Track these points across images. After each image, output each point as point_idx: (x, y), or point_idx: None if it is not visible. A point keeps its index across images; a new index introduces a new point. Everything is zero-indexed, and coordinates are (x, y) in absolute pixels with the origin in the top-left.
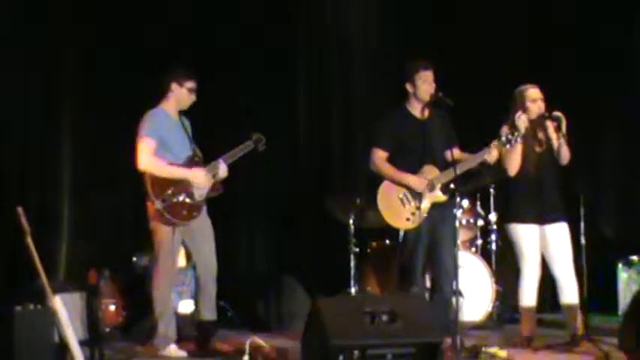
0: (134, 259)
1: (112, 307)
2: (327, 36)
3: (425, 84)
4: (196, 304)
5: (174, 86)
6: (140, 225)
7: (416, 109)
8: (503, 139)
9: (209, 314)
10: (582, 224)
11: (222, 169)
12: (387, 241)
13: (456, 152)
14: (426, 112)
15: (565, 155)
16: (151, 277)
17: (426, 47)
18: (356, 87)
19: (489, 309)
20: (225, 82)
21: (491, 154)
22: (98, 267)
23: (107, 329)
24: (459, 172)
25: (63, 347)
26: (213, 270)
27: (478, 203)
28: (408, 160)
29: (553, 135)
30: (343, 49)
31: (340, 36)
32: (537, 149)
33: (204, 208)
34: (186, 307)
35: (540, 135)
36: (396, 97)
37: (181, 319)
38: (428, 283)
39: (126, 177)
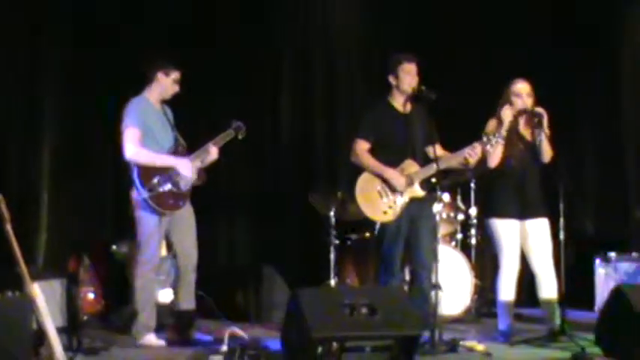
0: (114, 247)
1: (91, 295)
2: (309, 34)
3: (408, 76)
4: (175, 293)
5: (160, 75)
6: (120, 213)
7: (398, 102)
8: (484, 139)
9: (188, 304)
10: (562, 220)
11: (213, 152)
12: (367, 234)
13: (438, 149)
14: (408, 106)
15: (546, 152)
16: (134, 266)
17: (410, 46)
18: (339, 83)
19: (468, 303)
20: (207, 79)
21: (472, 154)
22: (77, 255)
23: (85, 317)
24: (442, 165)
25: (41, 334)
26: (194, 260)
27: (459, 197)
28: (389, 153)
29: (535, 131)
30: (326, 47)
31: (323, 34)
32: (520, 144)
33: (189, 198)
34: (164, 296)
35: (525, 130)
36: (378, 93)
37: (160, 309)
38: (407, 277)
39: (106, 164)
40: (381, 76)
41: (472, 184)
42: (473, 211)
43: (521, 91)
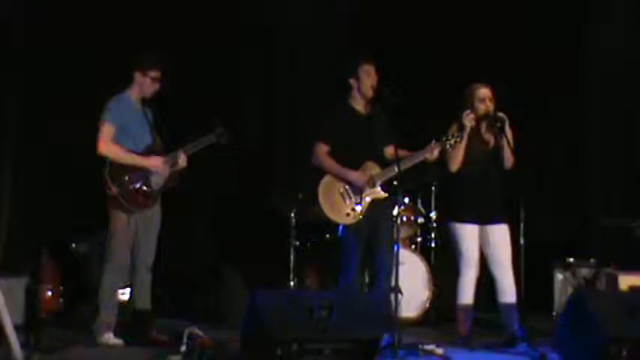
0: (73, 245)
1: (50, 293)
2: (271, 35)
3: (369, 78)
4: (131, 292)
5: (137, 75)
6: (81, 210)
7: (359, 104)
8: (444, 138)
9: (144, 303)
10: (522, 225)
11: (182, 159)
12: (327, 236)
13: (399, 150)
14: (369, 108)
15: (508, 157)
16: (102, 263)
17: (372, 46)
18: (299, 84)
19: (427, 306)
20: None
21: (432, 153)
22: (37, 252)
23: (44, 315)
24: (403, 167)
25: None
26: (151, 260)
27: (419, 201)
28: (350, 155)
29: (497, 136)
30: (287, 48)
31: (284, 35)
32: (482, 149)
33: (159, 199)
34: (122, 295)
35: (486, 135)
36: (339, 93)
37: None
38: (367, 279)
39: (68, 160)
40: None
41: (433, 188)
42: (433, 214)
43: (484, 95)
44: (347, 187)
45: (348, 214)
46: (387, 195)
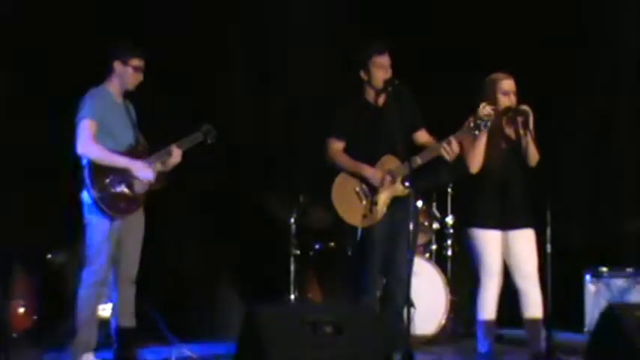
0: (49, 256)
1: (21, 310)
2: (268, 33)
3: (380, 71)
4: (113, 308)
5: (117, 65)
6: (57, 219)
7: (371, 96)
8: (471, 125)
9: (128, 320)
10: (549, 230)
11: (176, 155)
12: (332, 243)
13: (424, 136)
14: (382, 99)
15: (532, 154)
16: (79, 275)
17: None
18: (300, 72)
19: (443, 322)
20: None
21: (449, 151)
22: (7, 264)
23: (15, 334)
24: (421, 161)
25: None
26: (134, 271)
27: (434, 204)
28: (366, 150)
29: (521, 131)
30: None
31: (280, 32)
32: (503, 146)
33: (143, 203)
34: (102, 311)
35: (508, 131)
36: (341, 94)
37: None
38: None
39: (43, 166)
40: (345, 69)
41: (449, 189)
42: (449, 219)
43: (509, 88)
44: (363, 185)
45: (365, 216)
46: (408, 192)
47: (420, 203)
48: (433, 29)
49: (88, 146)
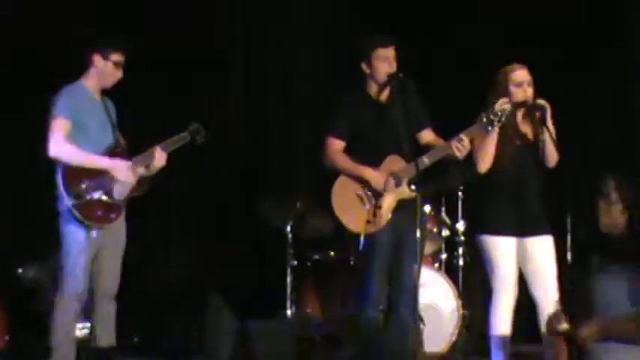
0: (19, 270)
1: None
2: (267, 31)
3: (384, 63)
4: (92, 327)
5: (97, 59)
6: (27, 230)
7: (374, 92)
8: (484, 120)
9: (108, 340)
10: (569, 237)
11: (160, 158)
12: (332, 253)
13: (429, 135)
14: (386, 94)
15: (551, 154)
16: (53, 292)
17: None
18: (296, 81)
19: (454, 338)
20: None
21: (460, 149)
22: None
23: None
24: (428, 162)
25: None
26: (115, 286)
27: (443, 209)
28: (369, 150)
29: (538, 128)
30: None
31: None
32: (517, 142)
33: (124, 211)
34: (79, 330)
35: (523, 127)
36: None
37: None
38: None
39: (8, 174)
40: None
41: (459, 193)
42: (460, 225)
43: (522, 79)
44: (365, 188)
45: (368, 221)
46: (415, 194)
47: (427, 208)
48: (436, 29)
49: (60, 147)
